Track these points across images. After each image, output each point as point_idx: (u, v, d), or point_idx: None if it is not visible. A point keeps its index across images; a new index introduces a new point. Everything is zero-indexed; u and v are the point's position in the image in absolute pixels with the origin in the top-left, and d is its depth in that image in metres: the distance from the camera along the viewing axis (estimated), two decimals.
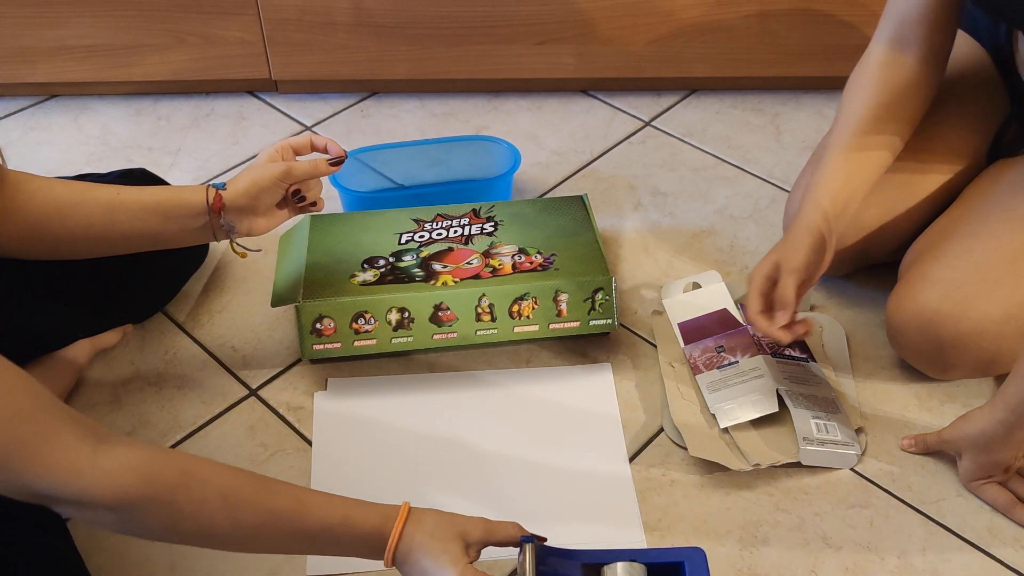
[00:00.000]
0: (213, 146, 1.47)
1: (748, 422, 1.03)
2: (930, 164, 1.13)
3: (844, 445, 0.99)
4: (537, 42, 1.47)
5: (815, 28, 1.45)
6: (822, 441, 0.98)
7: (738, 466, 0.98)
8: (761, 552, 0.94)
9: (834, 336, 1.13)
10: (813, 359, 1.09)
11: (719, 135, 1.49)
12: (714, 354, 1.08)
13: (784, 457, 0.99)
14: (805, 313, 1.15)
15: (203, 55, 1.48)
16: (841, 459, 0.99)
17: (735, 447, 1.01)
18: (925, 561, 0.93)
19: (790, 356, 1.07)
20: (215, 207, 0.95)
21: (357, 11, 1.43)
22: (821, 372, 1.07)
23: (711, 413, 1.04)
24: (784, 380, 1.04)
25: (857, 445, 1.00)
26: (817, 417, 1.00)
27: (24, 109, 1.54)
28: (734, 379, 1.05)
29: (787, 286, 0.97)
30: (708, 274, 1.18)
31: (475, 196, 1.25)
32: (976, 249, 1.01)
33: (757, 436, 1.02)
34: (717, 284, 1.17)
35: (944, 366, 1.04)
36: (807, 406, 1.01)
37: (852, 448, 0.99)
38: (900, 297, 1.04)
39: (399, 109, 1.55)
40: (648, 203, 1.36)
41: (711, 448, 1.00)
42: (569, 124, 1.52)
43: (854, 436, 1.01)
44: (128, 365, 1.13)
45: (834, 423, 1.00)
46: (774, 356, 1.07)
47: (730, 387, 1.05)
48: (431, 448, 1.03)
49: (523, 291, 1.08)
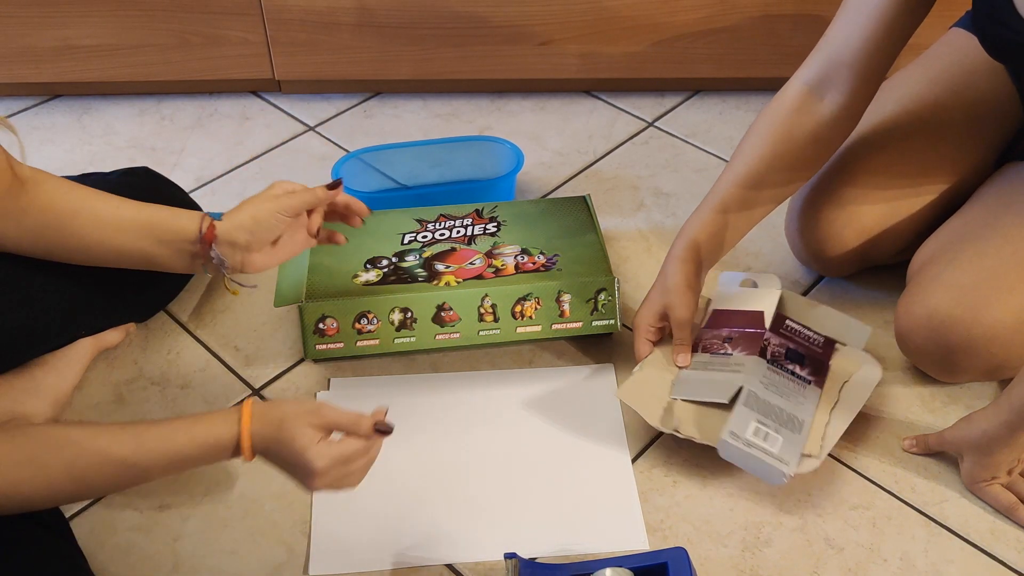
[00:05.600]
0: (216, 146, 1.47)
1: (703, 403, 0.99)
2: (934, 166, 1.13)
3: (774, 458, 0.93)
4: (540, 43, 1.47)
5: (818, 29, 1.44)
6: (750, 443, 0.94)
7: (653, 422, 0.98)
8: (763, 553, 0.94)
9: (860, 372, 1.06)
10: (820, 384, 1.02)
11: (722, 136, 1.49)
12: (718, 341, 1.06)
13: (703, 438, 0.96)
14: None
15: (207, 55, 1.48)
16: (766, 470, 0.93)
17: (670, 412, 0.99)
18: (927, 562, 0.93)
19: (791, 372, 1.02)
20: (207, 237, 0.91)
21: (360, 11, 1.43)
22: (814, 398, 1.00)
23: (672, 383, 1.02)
24: (760, 384, 0.99)
25: (791, 466, 0.93)
26: (763, 423, 0.95)
27: (28, 109, 1.54)
28: (715, 365, 1.03)
29: (686, 336, 1.04)
30: (767, 276, 1.12)
31: (478, 196, 1.25)
32: (989, 253, 1.00)
33: (697, 413, 0.99)
34: (773, 289, 1.11)
35: (952, 370, 1.04)
36: (761, 411, 0.96)
37: (783, 465, 0.92)
38: (911, 299, 1.03)
39: (402, 109, 1.55)
40: (651, 204, 1.36)
41: (641, 400, 1.00)
42: (572, 124, 1.52)
43: (795, 459, 0.93)
44: (131, 364, 1.13)
45: (780, 437, 0.94)
46: (773, 363, 1.03)
47: (706, 371, 1.02)
48: (433, 448, 1.03)
49: (526, 291, 1.08)
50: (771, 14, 1.43)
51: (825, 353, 1.06)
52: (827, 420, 0.99)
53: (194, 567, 0.93)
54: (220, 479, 1.00)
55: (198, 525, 0.97)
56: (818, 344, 1.06)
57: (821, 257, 1.16)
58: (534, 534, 0.95)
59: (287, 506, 0.98)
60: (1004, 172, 1.11)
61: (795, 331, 1.07)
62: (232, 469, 1.01)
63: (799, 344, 1.06)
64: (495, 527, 0.96)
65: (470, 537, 0.95)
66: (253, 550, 0.94)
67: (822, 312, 1.10)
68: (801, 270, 1.24)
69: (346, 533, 0.95)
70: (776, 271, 1.23)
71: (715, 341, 1.06)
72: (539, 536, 0.95)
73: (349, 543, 0.94)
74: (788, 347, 1.05)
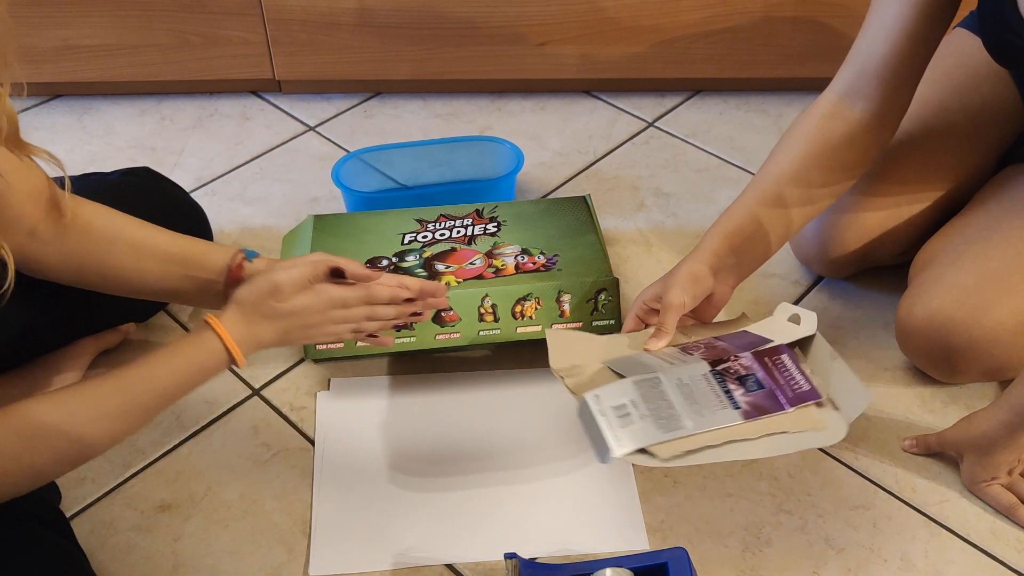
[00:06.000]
0: (216, 146, 1.48)
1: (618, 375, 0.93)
2: (935, 169, 1.12)
3: (613, 435, 0.83)
4: (540, 43, 1.47)
5: (819, 29, 1.45)
6: (603, 412, 0.84)
7: (553, 363, 0.94)
8: (764, 553, 0.94)
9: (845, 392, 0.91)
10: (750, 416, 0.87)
11: (722, 136, 1.49)
12: (700, 346, 0.98)
13: (576, 389, 0.90)
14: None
15: (207, 55, 1.48)
16: (600, 444, 0.83)
17: (580, 369, 0.94)
18: (927, 563, 0.93)
19: (726, 390, 0.89)
20: (233, 272, 0.89)
21: (361, 11, 1.43)
22: (725, 420, 0.86)
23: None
24: (674, 381, 0.89)
25: (622, 450, 0.82)
26: (635, 405, 0.85)
27: (28, 109, 1.54)
28: (668, 358, 0.94)
29: (668, 322, 0.95)
30: (809, 315, 0.98)
31: (478, 196, 1.25)
32: (991, 254, 1.00)
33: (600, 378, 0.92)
34: (803, 327, 0.98)
35: (953, 371, 1.04)
36: (646, 397, 0.86)
37: (615, 445, 0.82)
38: (912, 300, 1.03)
39: (402, 109, 1.55)
40: (651, 204, 1.36)
41: (565, 345, 0.96)
42: (572, 125, 1.52)
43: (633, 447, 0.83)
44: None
45: (639, 425, 0.84)
46: (716, 374, 0.90)
47: (655, 358, 0.95)
48: (433, 448, 1.03)
49: (526, 292, 1.08)
50: (771, 15, 1.43)
51: (794, 398, 0.89)
52: (717, 444, 0.84)
53: (194, 567, 0.93)
54: (220, 479, 1.01)
55: (198, 525, 0.97)
56: (797, 388, 0.89)
57: (822, 259, 1.16)
58: (534, 534, 0.95)
59: (287, 506, 0.98)
60: (1006, 174, 1.11)
61: (782, 366, 0.92)
62: (232, 469, 1.01)
63: (772, 379, 0.90)
64: (495, 527, 0.96)
65: (470, 537, 0.95)
66: (253, 550, 0.94)
67: (836, 366, 0.93)
68: (801, 270, 1.24)
69: (346, 533, 0.95)
70: (777, 271, 1.23)
71: (696, 345, 0.98)
72: (539, 536, 0.95)
73: (349, 543, 0.94)
74: (752, 374, 0.91)
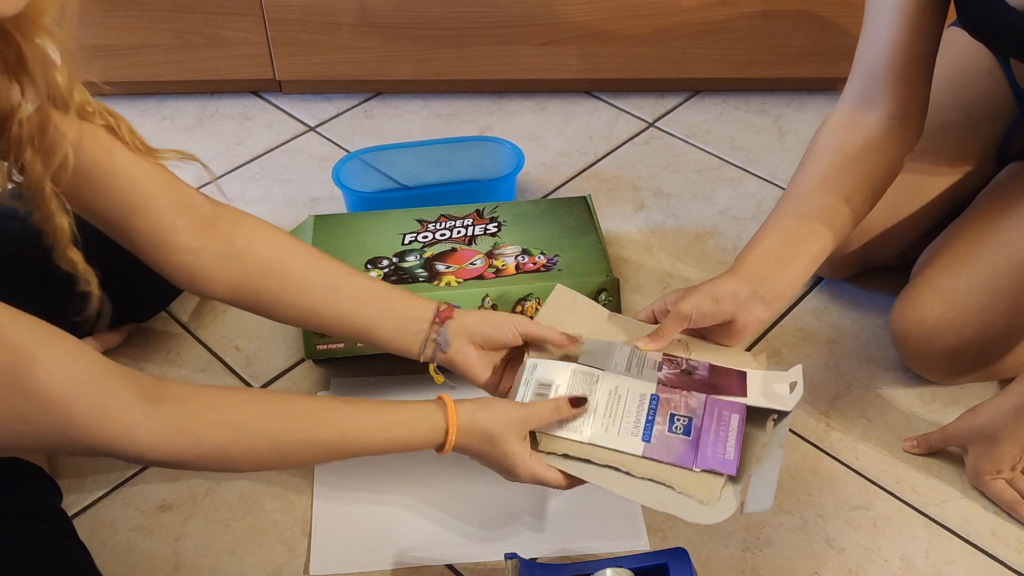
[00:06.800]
0: (217, 146, 1.48)
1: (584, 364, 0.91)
2: (934, 168, 1.13)
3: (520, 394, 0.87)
4: (541, 43, 1.47)
5: (818, 29, 1.45)
6: (528, 382, 0.87)
7: (538, 316, 0.94)
8: (764, 554, 0.94)
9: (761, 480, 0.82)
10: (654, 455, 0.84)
11: (723, 136, 1.49)
12: (682, 363, 0.92)
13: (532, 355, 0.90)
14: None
15: (207, 55, 1.48)
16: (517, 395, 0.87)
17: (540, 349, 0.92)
18: (928, 563, 0.93)
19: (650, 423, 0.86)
20: (443, 313, 0.90)
21: (361, 11, 1.43)
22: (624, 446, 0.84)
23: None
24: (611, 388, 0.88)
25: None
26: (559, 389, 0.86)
27: None
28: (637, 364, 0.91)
29: (667, 328, 0.91)
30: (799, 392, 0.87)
31: (479, 197, 1.25)
32: (982, 258, 1.00)
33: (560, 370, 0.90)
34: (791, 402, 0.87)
35: (946, 373, 1.04)
36: (572, 389, 0.87)
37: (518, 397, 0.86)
38: (904, 304, 1.04)
39: (403, 109, 1.55)
40: (651, 204, 1.36)
41: (561, 307, 0.95)
42: (573, 125, 1.52)
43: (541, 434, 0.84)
44: (131, 365, 1.12)
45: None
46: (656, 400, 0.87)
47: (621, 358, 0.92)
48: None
49: (526, 292, 1.08)
50: (771, 14, 1.43)
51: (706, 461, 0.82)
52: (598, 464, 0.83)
53: (195, 567, 0.93)
54: (221, 479, 1.01)
55: (199, 525, 0.97)
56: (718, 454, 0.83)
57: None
58: (534, 534, 0.95)
59: (287, 506, 0.98)
60: (1003, 175, 1.11)
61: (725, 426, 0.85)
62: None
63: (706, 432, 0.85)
64: (495, 527, 0.96)
65: (470, 537, 0.95)
66: (254, 550, 0.94)
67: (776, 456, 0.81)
68: None
69: (346, 533, 0.95)
70: None
71: (682, 363, 0.92)
72: (539, 536, 0.95)
73: (349, 543, 0.94)
74: (690, 418, 0.86)
